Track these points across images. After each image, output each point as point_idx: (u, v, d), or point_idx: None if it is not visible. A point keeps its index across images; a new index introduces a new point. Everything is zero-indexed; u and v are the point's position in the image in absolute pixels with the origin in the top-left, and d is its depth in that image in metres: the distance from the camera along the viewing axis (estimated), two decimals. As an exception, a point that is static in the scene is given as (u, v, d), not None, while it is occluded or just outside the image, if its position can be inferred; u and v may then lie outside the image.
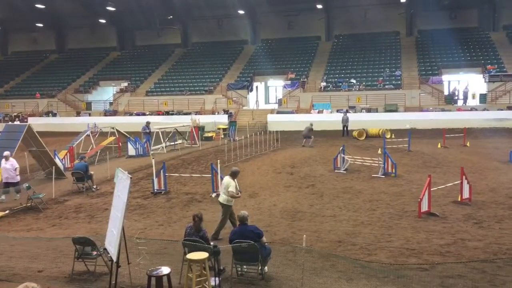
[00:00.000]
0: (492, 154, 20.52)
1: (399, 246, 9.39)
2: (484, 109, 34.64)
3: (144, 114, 40.22)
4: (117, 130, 25.80)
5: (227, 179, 10.32)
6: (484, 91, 36.75)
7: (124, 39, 55.14)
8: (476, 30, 44.70)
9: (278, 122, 35.23)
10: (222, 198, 10.32)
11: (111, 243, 7.18)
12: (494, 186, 14.43)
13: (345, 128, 30.19)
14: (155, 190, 14.83)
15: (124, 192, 6.92)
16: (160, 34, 52.98)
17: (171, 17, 50.11)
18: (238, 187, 10.38)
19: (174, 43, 53.00)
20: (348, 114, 30.64)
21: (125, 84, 46.80)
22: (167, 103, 42.31)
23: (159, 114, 40.24)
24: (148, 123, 26.39)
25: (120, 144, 24.65)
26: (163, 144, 25.33)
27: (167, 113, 40.58)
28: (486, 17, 44.50)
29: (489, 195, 13.33)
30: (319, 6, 45.90)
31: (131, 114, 41.56)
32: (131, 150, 23.44)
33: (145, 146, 23.87)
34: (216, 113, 39.25)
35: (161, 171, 14.98)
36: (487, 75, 37.09)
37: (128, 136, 25.05)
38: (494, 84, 36.13)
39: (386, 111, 36.18)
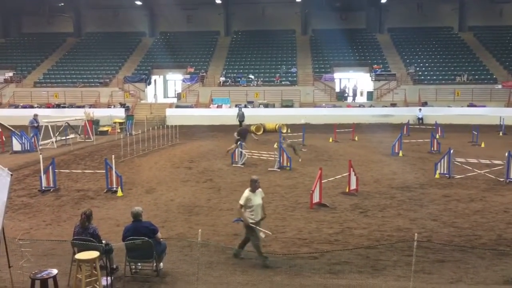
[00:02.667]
0: (377, 148, 22.12)
1: (292, 236, 9.78)
2: (371, 106, 37.25)
3: (32, 107, 37.42)
4: (0, 123, 23.81)
5: (246, 190, 8.50)
6: (371, 89, 39.49)
7: (8, 25, 50.72)
8: (364, 31, 47.76)
9: (177, 116, 34.82)
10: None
11: (-10, 246, 6.62)
12: (378, 177, 15.58)
13: (241, 124, 30.37)
14: (43, 188, 13.91)
15: (3, 190, 6.40)
16: (50, 21, 49.56)
17: (62, 4, 47.18)
18: (254, 201, 8.32)
19: (65, 32, 49.85)
20: (243, 110, 31.06)
21: (10, 74, 43.12)
22: (58, 95, 39.84)
23: (49, 107, 37.75)
24: (36, 116, 24.63)
25: (4, 139, 22.78)
26: (53, 139, 23.83)
27: (58, 106, 38.24)
28: (373, 20, 47.72)
29: (373, 185, 14.36)
30: (218, 1, 46.04)
31: (16, 107, 38.51)
32: (17, 145, 21.73)
33: (33, 140, 22.28)
34: (112, 107, 37.76)
35: (50, 167, 14.10)
36: (373, 74, 39.95)
37: (13, 130, 23.21)
38: (380, 83, 38.98)
39: (283, 106, 37.40)
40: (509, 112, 33.50)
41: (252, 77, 40.78)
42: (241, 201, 8.29)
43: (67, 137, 25.01)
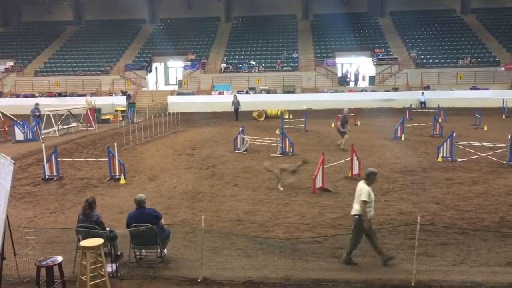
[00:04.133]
0: (380, 132, 22.08)
1: (295, 221, 9.81)
2: (373, 90, 37.07)
3: (33, 96, 37.40)
4: (2, 112, 23.85)
5: (360, 184, 7.82)
6: (373, 73, 39.25)
7: (8, 14, 50.51)
8: (365, 15, 47.33)
9: (179, 103, 34.71)
10: (354, 208, 7.79)
11: (-5, 235, 6.65)
12: (381, 161, 15.57)
13: (237, 112, 29.34)
14: (47, 176, 13.97)
15: (7, 179, 6.41)
16: (50, 9, 49.22)
17: (61, -9, 46.96)
18: (372, 195, 7.67)
19: (65, 20, 49.66)
20: (238, 97, 30.39)
21: (11, 63, 43.06)
22: (59, 84, 39.80)
23: (50, 96, 37.75)
24: (37, 105, 24.66)
25: (6, 128, 22.81)
26: (55, 128, 23.88)
27: (60, 94, 38.24)
28: (374, 3, 47.27)
29: (376, 170, 14.30)
30: (218, -13, 45.74)
31: (18, 96, 38.53)
32: (19, 135, 21.79)
33: (35, 129, 22.32)
34: (114, 95, 37.72)
35: (53, 155, 14.14)
36: (375, 58, 39.69)
37: (15, 119, 23.27)
38: (382, 67, 38.73)
39: (284, 92, 37.26)
40: (512, 94, 33.36)
41: (254, 63, 40.60)
42: (366, 197, 7.47)
43: (69, 126, 25.05)
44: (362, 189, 7.58)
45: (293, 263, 7.67)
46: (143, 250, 7.92)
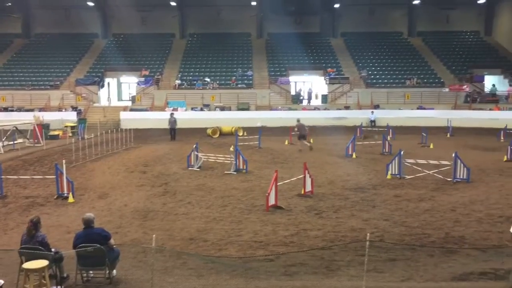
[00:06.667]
0: (332, 150, 22.49)
1: (248, 239, 9.78)
2: (326, 109, 37.88)
3: (-23, 111, 35.84)
4: None
5: None
6: (325, 92, 40.14)
7: (-48, 25, 48.43)
8: (318, 35, 48.57)
9: (132, 119, 34.23)
10: None
11: None
12: (333, 179, 15.84)
13: (172, 132, 27.70)
14: (-11, 195, 13.34)
15: None
16: (-4, 22, 47.64)
17: (10, 4, 45.42)
18: None
19: (13, 33, 48.03)
20: (175, 116, 28.52)
21: (-47, 76, 41.19)
22: (5, 98, 38.31)
23: (-5, 111, 36.25)
24: (-19, 121, 23.63)
25: None
26: (0, 144, 22.89)
27: (5, 109, 36.76)
28: (327, 24, 48.67)
29: (328, 187, 14.59)
30: (173, 3, 45.78)
31: (-39, 110, 36.76)
32: (-40, 151, 20.78)
33: (-22, 146, 21.36)
34: (64, 110, 36.67)
35: (-4, 173, 13.53)
36: (328, 77, 40.63)
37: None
38: (334, 86, 39.69)
39: (239, 109, 37.45)
40: (456, 114, 34.93)
41: (208, 80, 40.66)
42: None
43: (15, 142, 24.09)
44: None
45: (245, 282, 7.62)
46: (91, 272, 7.65)
